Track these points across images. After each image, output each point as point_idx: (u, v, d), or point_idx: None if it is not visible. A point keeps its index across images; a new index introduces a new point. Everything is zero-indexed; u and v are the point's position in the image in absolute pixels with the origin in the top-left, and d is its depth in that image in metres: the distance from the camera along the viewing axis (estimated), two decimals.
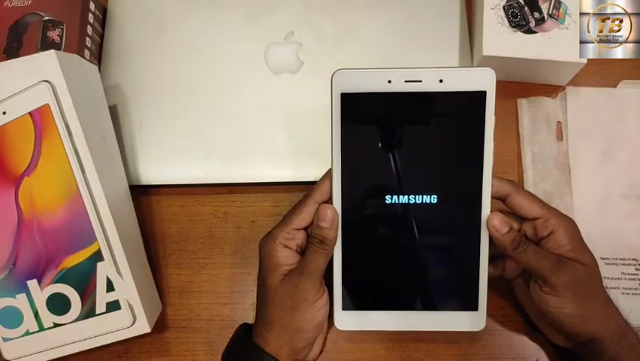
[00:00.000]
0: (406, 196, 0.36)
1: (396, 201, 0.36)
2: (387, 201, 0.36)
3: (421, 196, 0.36)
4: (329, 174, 0.36)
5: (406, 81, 0.34)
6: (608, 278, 0.43)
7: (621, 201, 0.45)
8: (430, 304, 0.37)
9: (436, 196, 0.36)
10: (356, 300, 0.37)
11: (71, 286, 0.39)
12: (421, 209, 0.36)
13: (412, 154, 0.35)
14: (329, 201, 0.36)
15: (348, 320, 0.38)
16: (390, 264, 0.37)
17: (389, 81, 0.34)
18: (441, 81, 0.34)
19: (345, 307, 0.37)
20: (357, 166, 0.36)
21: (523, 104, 0.48)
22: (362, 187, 0.36)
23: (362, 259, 0.37)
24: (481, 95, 0.34)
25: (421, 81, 0.34)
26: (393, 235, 0.37)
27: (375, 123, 0.35)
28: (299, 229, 0.37)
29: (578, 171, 0.46)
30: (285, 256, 0.36)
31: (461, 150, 0.36)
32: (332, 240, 0.36)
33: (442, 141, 0.36)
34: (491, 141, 0.35)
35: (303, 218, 0.36)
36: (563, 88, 0.48)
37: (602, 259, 0.43)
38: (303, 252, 0.37)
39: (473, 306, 0.37)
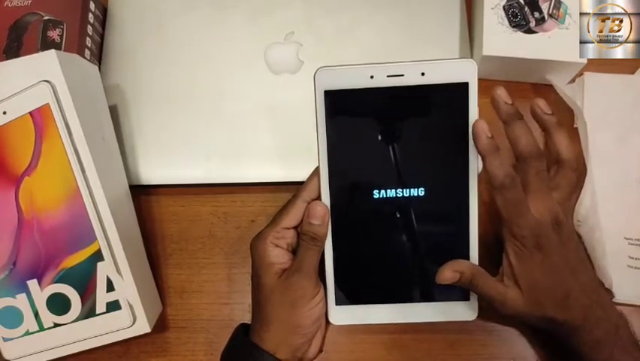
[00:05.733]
0: (394, 190, 0.36)
1: (384, 196, 0.36)
2: (374, 196, 0.36)
3: (408, 190, 0.36)
4: (316, 172, 0.37)
5: (388, 76, 0.35)
6: (633, 258, 0.43)
7: (638, 186, 0.45)
8: (422, 295, 0.38)
9: (423, 189, 0.36)
10: (349, 295, 0.38)
11: (71, 286, 0.39)
12: (408, 202, 0.36)
13: (397, 148, 0.36)
14: (317, 198, 0.37)
15: (342, 315, 0.38)
16: (381, 258, 0.38)
17: (371, 77, 0.35)
18: (423, 74, 0.34)
19: (338, 302, 0.38)
20: (343, 163, 0.36)
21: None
22: (349, 183, 0.37)
23: (353, 254, 0.37)
24: (463, 87, 0.35)
25: (403, 75, 0.35)
26: (382, 229, 0.37)
27: (359, 119, 0.36)
28: (289, 228, 0.37)
29: (595, 157, 0.45)
30: (277, 255, 0.37)
31: (446, 141, 0.36)
32: (323, 236, 0.36)
33: (427, 134, 0.36)
34: None
35: (292, 217, 0.37)
36: (580, 74, 0.47)
37: (625, 238, 0.43)
38: (293, 250, 0.38)
39: (465, 296, 0.37)
